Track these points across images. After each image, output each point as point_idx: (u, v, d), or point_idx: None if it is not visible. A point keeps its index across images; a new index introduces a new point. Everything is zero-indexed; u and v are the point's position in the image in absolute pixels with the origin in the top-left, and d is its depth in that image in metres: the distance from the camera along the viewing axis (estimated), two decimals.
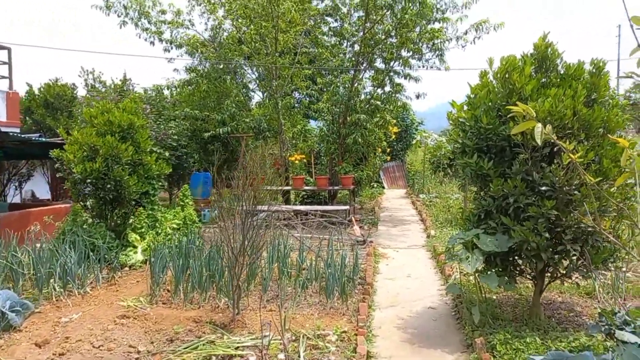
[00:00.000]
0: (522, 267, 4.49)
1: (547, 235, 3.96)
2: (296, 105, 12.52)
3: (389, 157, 17.89)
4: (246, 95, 11.61)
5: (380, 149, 14.95)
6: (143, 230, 7.54)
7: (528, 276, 4.64)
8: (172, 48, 11.30)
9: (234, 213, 5.09)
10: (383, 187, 20.10)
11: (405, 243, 8.72)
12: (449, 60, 11.95)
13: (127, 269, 6.87)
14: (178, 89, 11.57)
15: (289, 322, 4.75)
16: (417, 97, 11.94)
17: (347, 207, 10.62)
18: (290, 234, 7.56)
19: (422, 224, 10.63)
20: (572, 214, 3.95)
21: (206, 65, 11.42)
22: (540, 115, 3.93)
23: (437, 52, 10.73)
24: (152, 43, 11.12)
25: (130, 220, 7.65)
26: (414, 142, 18.11)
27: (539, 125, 2.68)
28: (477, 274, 4.51)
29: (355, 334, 4.38)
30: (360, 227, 10.06)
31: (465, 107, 4.65)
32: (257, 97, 12.50)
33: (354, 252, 6.47)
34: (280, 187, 11.64)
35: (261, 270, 5.96)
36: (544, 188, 3.99)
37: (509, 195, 4.12)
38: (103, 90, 11.50)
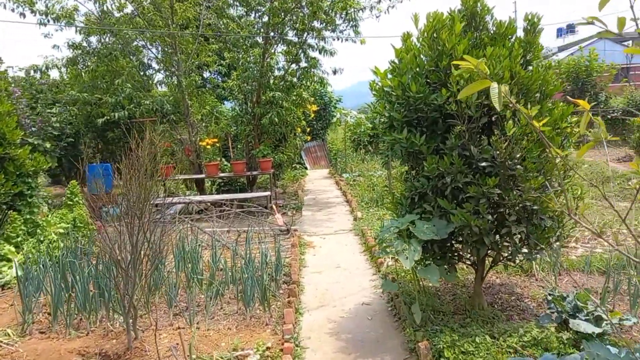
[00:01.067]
0: (462, 252, 4.04)
1: (489, 217, 3.49)
2: (205, 84, 11.31)
3: (309, 137, 17.28)
4: (143, 74, 10.19)
5: (299, 129, 14.25)
6: (19, 239, 6.20)
7: (467, 261, 4.20)
8: (48, 21, 9.56)
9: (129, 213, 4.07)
10: (305, 168, 19.52)
11: (331, 228, 8.15)
12: (365, 33, 11.44)
13: None
14: (62, 69, 9.87)
15: (200, 341, 3.93)
16: (334, 72, 11.32)
17: (267, 193, 9.82)
18: (200, 230, 6.63)
19: (348, 205, 10.15)
20: (514, 192, 3.50)
21: (92, 41, 9.84)
22: (475, 79, 3.40)
23: (351, 23, 10.13)
24: (23, 15, 9.31)
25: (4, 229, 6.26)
26: (334, 120, 17.63)
27: (495, 85, 2.07)
28: (414, 266, 3.97)
29: (281, 350, 3.68)
30: (283, 214, 9.34)
31: (390, 75, 4.02)
32: (159, 76, 11.10)
33: (276, 244, 5.73)
34: (190, 176, 10.54)
35: (167, 277, 5.03)
36: (483, 164, 3.50)
37: (445, 174, 3.59)
38: None
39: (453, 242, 4.01)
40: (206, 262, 5.47)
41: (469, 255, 4.05)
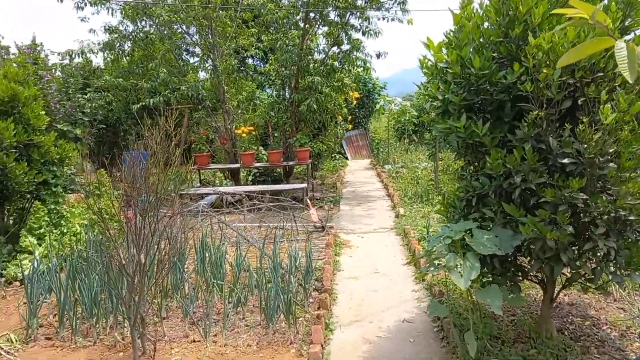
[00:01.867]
0: (528, 269, 3.28)
1: (570, 229, 2.72)
2: (243, 69, 10.82)
3: (350, 126, 16.57)
4: (179, 57, 9.81)
5: (341, 117, 13.58)
6: (42, 231, 5.94)
7: (534, 279, 3.44)
8: (85, 4, 9.35)
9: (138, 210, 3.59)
10: (346, 159, 18.85)
11: (371, 225, 7.48)
12: (412, 15, 10.50)
13: (17, 283, 5.33)
14: (98, 54, 9.67)
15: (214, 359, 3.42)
16: (378, 56, 10.52)
17: (304, 185, 9.26)
18: (227, 225, 6.14)
19: (390, 200, 9.43)
20: (603, 197, 2.72)
21: (127, 24, 9.55)
22: (559, 50, 2.63)
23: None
24: None
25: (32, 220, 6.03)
26: (378, 107, 16.82)
27: (623, 44, 1.34)
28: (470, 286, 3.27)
29: None
30: (319, 208, 8.76)
31: (445, 50, 3.28)
32: (196, 61, 10.70)
33: (307, 245, 5.14)
34: (223, 166, 10.14)
35: (185, 280, 4.56)
36: (565, 160, 2.73)
37: (514, 172, 2.85)
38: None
39: (517, 254, 3.27)
40: (230, 263, 4.96)
41: (536, 272, 3.29)
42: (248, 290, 4.46)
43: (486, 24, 3.12)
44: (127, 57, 9.97)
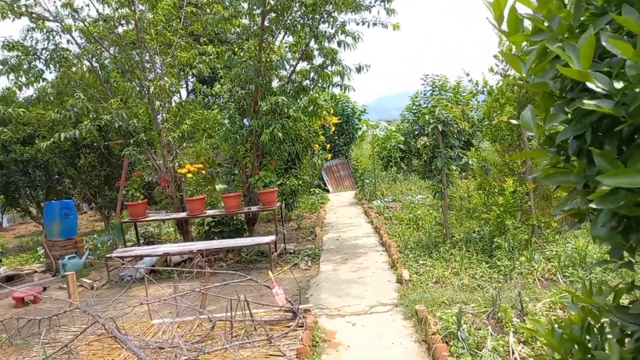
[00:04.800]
0: None
1: None
2: (191, 92, 8.57)
3: (330, 155, 14.47)
4: (107, 80, 7.54)
5: (317, 146, 11.45)
6: None
7: None
8: None
9: None
10: (327, 191, 16.66)
11: (363, 300, 5.20)
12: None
13: None
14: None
15: None
16: (359, 69, 8.41)
17: (270, 238, 6.96)
18: (116, 336, 3.76)
19: (385, 251, 7.20)
20: None
21: (37, 38, 7.32)
22: None
23: None
24: None
25: None
26: (360, 132, 14.78)
27: None
28: None
29: None
30: (294, 267, 6.44)
31: None
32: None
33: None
34: (162, 217, 7.82)
35: None
36: None
37: None
38: None
39: None
40: None
41: None
42: None
43: None
44: (39, 81, 7.67)
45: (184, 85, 9.17)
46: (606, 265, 5.17)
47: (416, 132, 16.20)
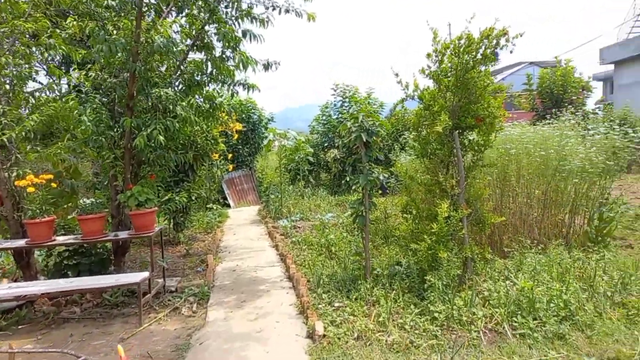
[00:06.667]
0: None
1: None
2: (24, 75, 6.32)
3: (232, 166, 12.85)
4: None
5: (217, 155, 9.83)
6: None
7: None
8: None
9: None
10: (228, 206, 14.95)
11: None
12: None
13: None
14: None
15: None
16: (267, 67, 7.03)
17: (143, 275, 5.23)
18: None
19: (292, 288, 5.83)
20: None
21: None
22: None
23: None
24: None
25: None
26: (266, 142, 13.39)
27: None
28: None
29: None
30: (173, 312, 4.79)
31: None
32: None
33: None
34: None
35: None
36: None
37: None
38: None
39: None
40: None
41: None
42: None
43: None
44: None
45: (42, 70, 7.05)
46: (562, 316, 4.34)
47: (326, 144, 15.26)
